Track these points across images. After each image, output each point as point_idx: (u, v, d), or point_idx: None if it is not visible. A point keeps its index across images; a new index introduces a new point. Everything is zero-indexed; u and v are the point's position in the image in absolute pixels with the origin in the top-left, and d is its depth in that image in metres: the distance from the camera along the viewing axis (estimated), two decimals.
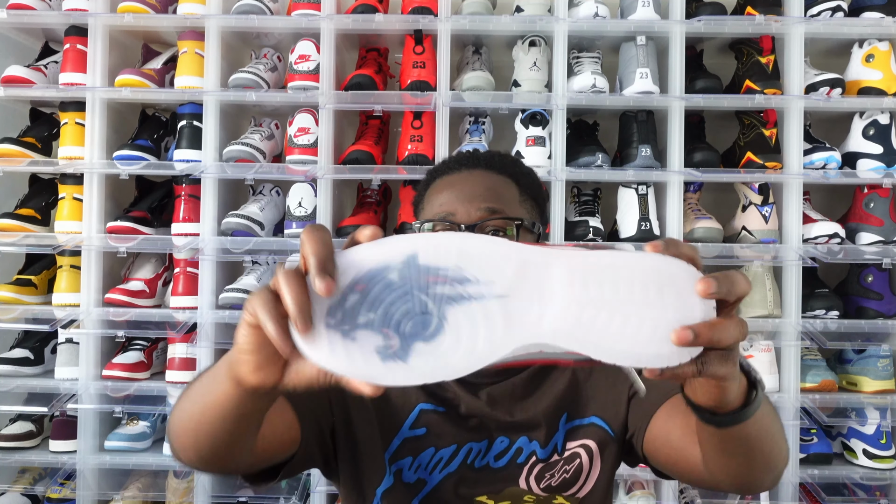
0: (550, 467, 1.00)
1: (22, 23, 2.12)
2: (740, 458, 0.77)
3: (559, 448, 1.01)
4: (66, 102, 2.09)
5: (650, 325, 0.59)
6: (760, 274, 2.01)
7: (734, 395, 0.67)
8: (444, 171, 1.05)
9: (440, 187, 1.02)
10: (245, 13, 2.03)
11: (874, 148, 2.02)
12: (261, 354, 0.61)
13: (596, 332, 0.59)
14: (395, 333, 0.58)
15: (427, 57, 2.03)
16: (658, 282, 0.60)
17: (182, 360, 2.01)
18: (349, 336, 0.57)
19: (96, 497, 2.03)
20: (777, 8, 2.03)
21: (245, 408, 0.69)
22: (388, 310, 0.58)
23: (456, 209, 0.98)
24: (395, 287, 0.58)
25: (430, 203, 1.02)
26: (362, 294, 0.58)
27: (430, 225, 0.99)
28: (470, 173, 1.02)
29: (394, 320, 0.58)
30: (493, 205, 0.97)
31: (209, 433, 0.74)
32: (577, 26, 2.02)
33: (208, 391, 0.72)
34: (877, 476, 1.95)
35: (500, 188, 1.01)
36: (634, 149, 2.03)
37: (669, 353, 0.59)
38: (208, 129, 2.04)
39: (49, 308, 2.04)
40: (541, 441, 1.00)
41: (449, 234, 0.61)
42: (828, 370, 2.00)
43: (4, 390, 2.01)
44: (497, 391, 1.01)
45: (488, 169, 1.02)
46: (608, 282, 0.60)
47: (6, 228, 2.06)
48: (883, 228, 1.99)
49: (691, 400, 0.70)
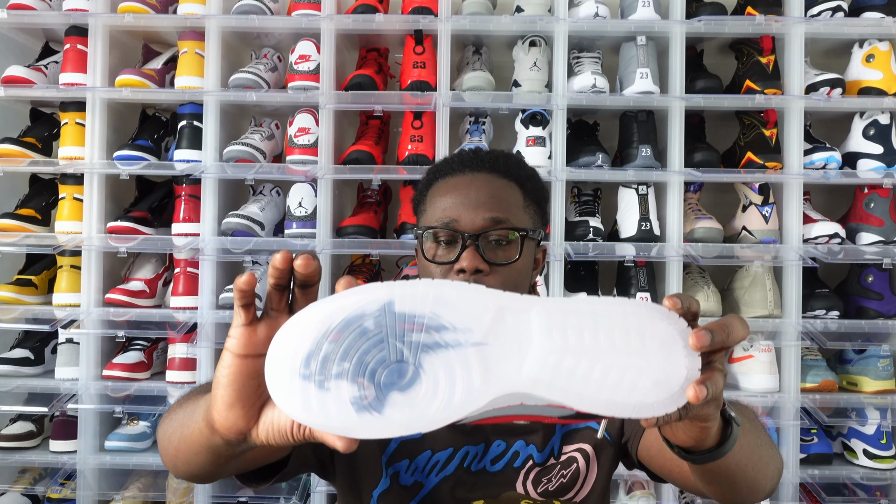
0: (547, 471, 0.99)
1: (22, 23, 2.12)
2: (724, 485, 0.79)
3: (556, 452, 1.00)
4: (66, 102, 2.09)
5: (633, 373, 0.58)
6: (760, 274, 2.01)
7: (712, 434, 0.68)
8: (446, 172, 1.02)
9: (443, 189, 1.00)
10: (245, 13, 2.03)
11: (874, 148, 2.02)
12: (235, 388, 0.61)
13: (577, 381, 0.58)
14: (369, 383, 0.56)
15: (427, 57, 2.03)
16: (640, 329, 0.58)
17: (182, 361, 2.01)
18: (323, 387, 0.56)
19: (96, 497, 2.03)
20: (777, 8, 2.03)
21: (219, 450, 0.68)
22: (363, 358, 0.57)
23: (459, 216, 0.96)
24: (370, 335, 0.57)
25: (432, 206, 1.00)
26: (337, 343, 0.56)
27: (432, 232, 0.97)
28: (474, 177, 1.00)
29: (368, 369, 0.57)
30: (497, 214, 0.96)
31: (186, 461, 0.74)
32: (577, 26, 2.02)
33: (188, 422, 0.72)
34: (877, 476, 1.95)
35: (505, 194, 0.99)
36: (634, 149, 2.03)
37: (655, 401, 0.58)
38: (208, 129, 2.04)
39: (49, 308, 2.04)
40: (538, 445, 0.99)
41: (426, 281, 0.60)
42: (828, 370, 2.00)
43: (4, 390, 2.01)
44: None
45: (492, 172, 1.00)
46: (588, 329, 0.58)
47: (6, 228, 2.06)
48: (883, 228, 1.99)
49: (668, 439, 0.71)
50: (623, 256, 1.99)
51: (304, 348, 0.56)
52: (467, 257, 0.93)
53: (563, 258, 1.95)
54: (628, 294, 2.01)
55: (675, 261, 1.96)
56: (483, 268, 0.93)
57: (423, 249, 0.98)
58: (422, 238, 0.99)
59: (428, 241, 0.98)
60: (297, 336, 0.57)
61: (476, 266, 0.93)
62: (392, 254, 2.09)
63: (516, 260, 0.96)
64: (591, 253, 1.95)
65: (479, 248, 0.94)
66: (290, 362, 0.56)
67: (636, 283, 2.01)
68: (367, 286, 0.58)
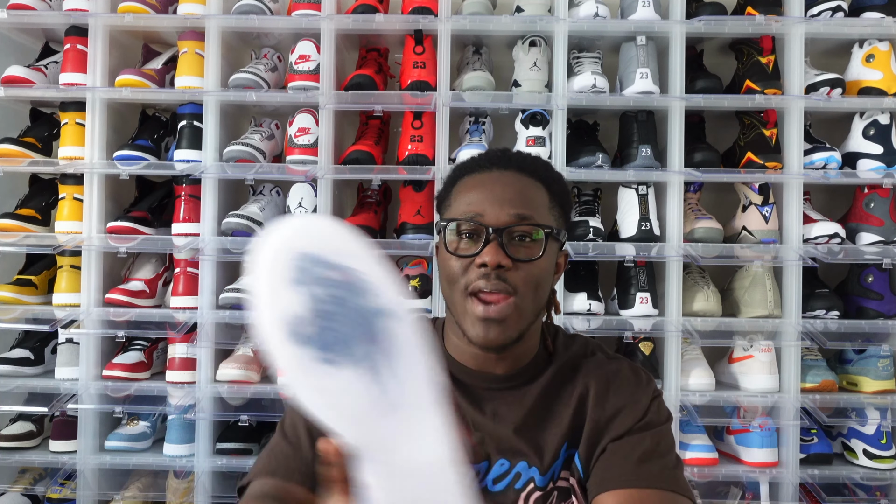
0: (547, 496, 0.98)
1: (22, 23, 2.12)
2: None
3: (556, 477, 0.99)
4: (66, 102, 2.09)
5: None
6: (760, 274, 2.00)
7: None
8: (474, 169, 1.02)
9: (469, 185, 1.00)
10: (245, 13, 2.03)
11: (874, 148, 2.02)
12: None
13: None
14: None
15: (427, 57, 2.03)
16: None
17: (182, 361, 2.01)
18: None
19: (96, 497, 2.03)
20: (777, 8, 2.03)
21: None
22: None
23: (485, 210, 0.95)
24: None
25: (457, 200, 0.99)
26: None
27: (455, 224, 0.97)
28: (501, 174, 0.99)
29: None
30: (523, 210, 0.95)
31: None
32: (577, 26, 2.02)
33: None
34: (877, 476, 1.95)
35: (532, 193, 0.98)
36: (635, 149, 2.03)
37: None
38: (208, 129, 2.04)
39: (49, 308, 2.04)
40: (540, 468, 0.98)
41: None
42: (828, 370, 2.00)
43: (4, 390, 2.01)
44: (504, 408, 1.00)
45: (520, 171, 1.00)
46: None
47: (6, 228, 2.06)
48: (883, 228, 1.99)
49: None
50: (623, 256, 1.99)
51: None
52: (490, 251, 0.93)
53: None
54: (628, 294, 2.01)
55: (675, 261, 1.96)
56: (505, 263, 0.93)
57: (446, 243, 0.98)
58: (444, 231, 0.98)
59: (451, 234, 0.97)
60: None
61: (498, 261, 0.92)
62: (392, 254, 2.09)
63: (539, 257, 0.95)
64: (591, 253, 1.95)
65: (502, 243, 0.93)
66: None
67: (636, 283, 2.01)
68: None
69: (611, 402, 0.99)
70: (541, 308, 0.99)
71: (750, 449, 1.97)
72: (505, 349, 0.96)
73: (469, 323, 0.94)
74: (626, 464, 0.93)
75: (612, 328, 1.97)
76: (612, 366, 1.03)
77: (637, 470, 0.93)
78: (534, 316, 0.97)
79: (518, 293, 0.93)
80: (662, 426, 0.99)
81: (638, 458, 0.93)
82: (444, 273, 0.98)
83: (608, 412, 0.98)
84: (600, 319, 1.98)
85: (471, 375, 1.02)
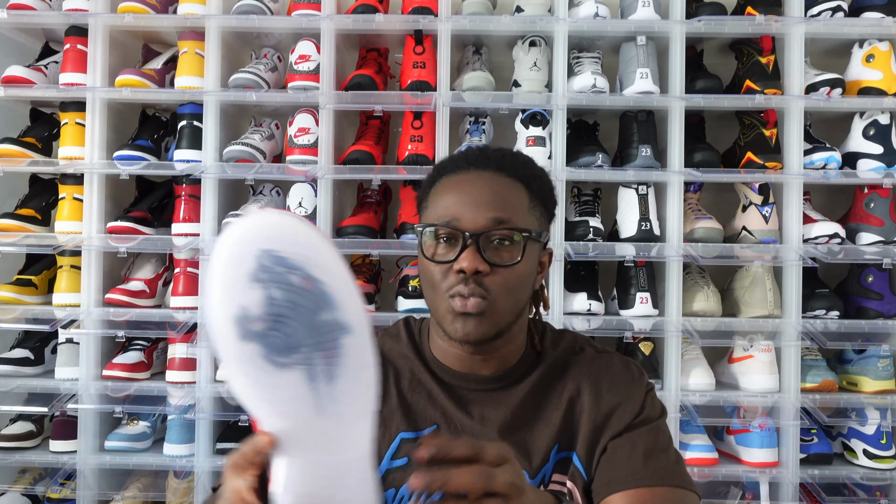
0: None
1: (22, 23, 2.12)
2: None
3: (546, 480, 0.97)
4: (66, 102, 2.09)
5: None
6: (760, 274, 2.00)
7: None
8: (451, 169, 0.99)
9: (447, 187, 0.97)
10: (245, 13, 2.03)
11: (874, 148, 2.02)
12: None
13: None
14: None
15: (427, 57, 2.03)
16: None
17: (182, 361, 2.01)
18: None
19: (96, 497, 2.03)
20: (777, 8, 2.03)
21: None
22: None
23: (461, 214, 0.93)
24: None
25: (434, 203, 0.97)
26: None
27: (432, 230, 0.95)
28: (479, 175, 0.97)
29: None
30: (500, 214, 0.93)
31: None
32: (577, 26, 2.02)
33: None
34: (877, 476, 1.95)
35: (510, 194, 0.96)
36: (634, 149, 2.03)
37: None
38: (208, 129, 2.04)
39: (49, 308, 2.04)
40: (529, 472, 0.96)
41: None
42: (828, 370, 2.00)
43: (4, 390, 2.01)
44: (490, 411, 0.98)
45: (499, 171, 0.97)
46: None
47: (6, 228, 2.06)
48: (883, 228, 1.99)
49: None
50: (623, 256, 1.99)
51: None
52: (467, 257, 0.91)
53: (563, 258, 1.95)
54: (628, 294, 2.01)
55: (675, 261, 1.96)
56: (483, 268, 0.91)
57: (423, 247, 0.96)
58: (422, 235, 0.96)
59: (428, 238, 0.95)
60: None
61: (476, 266, 0.91)
62: (392, 254, 2.09)
63: (518, 262, 0.93)
64: (591, 253, 1.95)
65: (479, 248, 0.92)
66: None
67: (636, 283, 2.01)
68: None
69: (606, 400, 0.98)
70: (521, 308, 0.98)
71: (750, 449, 1.97)
72: (485, 345, 0.95)
73: (448, 321, 0.93)
74: (629, 463, 0.93)
75: (612, 328, 1.97)
76: (603, 361, 1.02)
77: (642, 468, 0.92)
78: (513, 316, 0.96)
79: (496, 296, 0.92)
80: (658, 420, 0.98)
81: (641, 456, 0.93)
82: (424, 277, 0.97)
83: (604, 410, 0.97)
84: (600, 319, 1.98)
85: (457, 378, 1.00)
